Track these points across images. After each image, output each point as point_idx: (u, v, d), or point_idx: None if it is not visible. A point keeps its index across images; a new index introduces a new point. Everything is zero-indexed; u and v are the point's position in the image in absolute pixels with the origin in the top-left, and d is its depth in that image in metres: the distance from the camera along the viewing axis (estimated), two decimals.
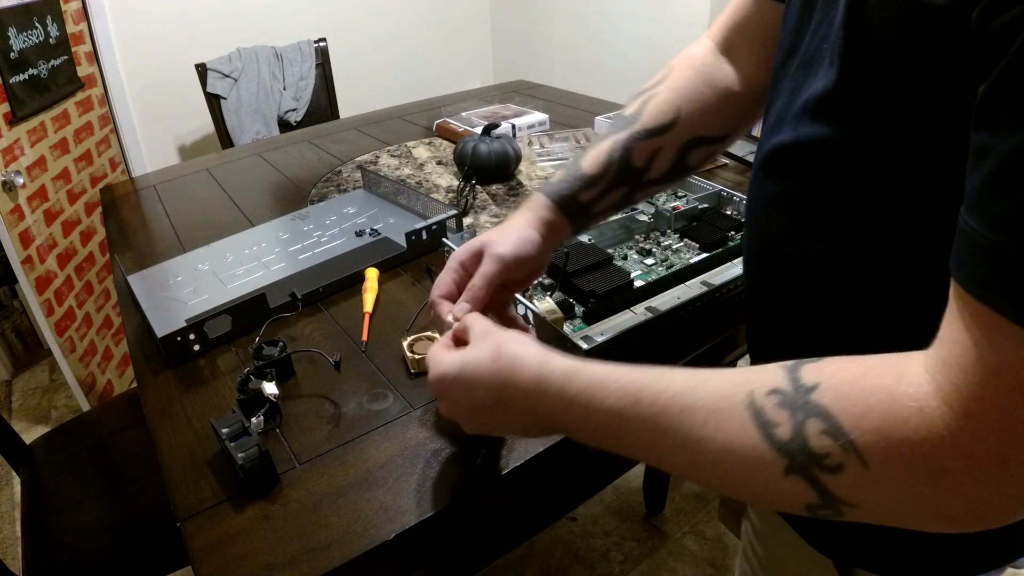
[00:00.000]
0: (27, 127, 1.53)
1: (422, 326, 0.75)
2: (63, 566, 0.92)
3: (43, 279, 1.57)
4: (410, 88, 2.67)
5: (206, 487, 0.55)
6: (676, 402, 0.36)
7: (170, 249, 0.98)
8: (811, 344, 0.47)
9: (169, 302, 0.79)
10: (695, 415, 0.35)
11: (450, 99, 1.73)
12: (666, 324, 0.69)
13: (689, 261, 0.80)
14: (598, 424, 0.39)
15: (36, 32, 1.55)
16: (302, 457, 0.58)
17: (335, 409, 0.63)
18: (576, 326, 0.70)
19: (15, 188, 1.46)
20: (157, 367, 0.71)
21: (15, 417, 1.92)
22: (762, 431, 0.33)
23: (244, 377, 0.62)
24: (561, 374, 0.41)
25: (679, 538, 1.45)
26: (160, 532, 0.97)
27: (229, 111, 2.05)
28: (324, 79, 2.24)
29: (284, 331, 0.76)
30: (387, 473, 0.55)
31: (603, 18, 2.42)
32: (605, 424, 0.39)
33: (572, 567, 1.40)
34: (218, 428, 0.56)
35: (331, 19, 2.43)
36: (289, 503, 0.53)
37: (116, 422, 1.21)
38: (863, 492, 0.31)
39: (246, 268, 0.86)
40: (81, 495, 1.05)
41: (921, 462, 0.29)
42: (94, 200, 1.83)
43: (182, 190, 1.24)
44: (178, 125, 2.26)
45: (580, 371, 0.40)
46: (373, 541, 0.49)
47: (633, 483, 1.57)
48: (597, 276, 0.74)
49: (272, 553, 0.49)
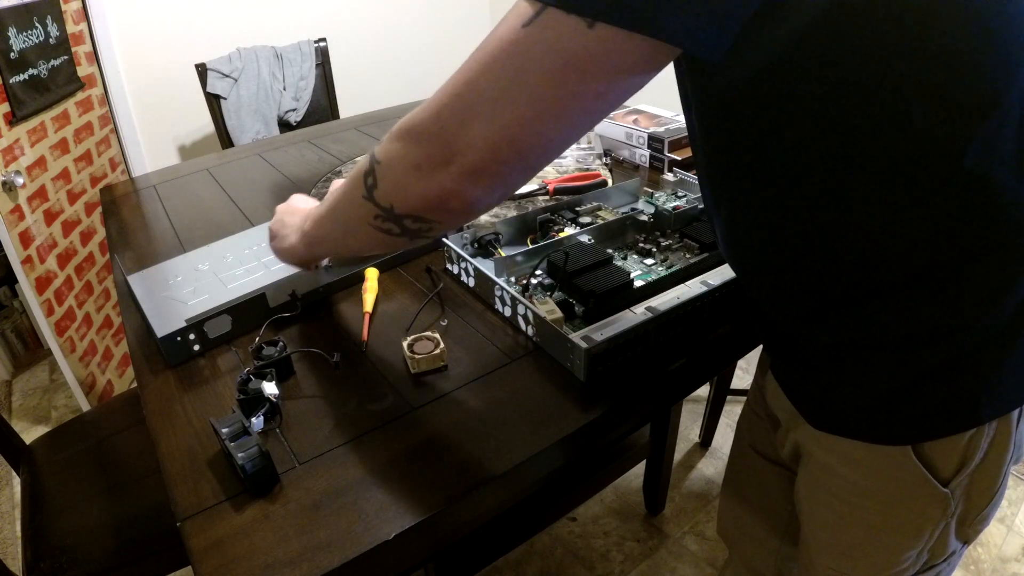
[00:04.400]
0: (27, 127, 1.53)
1: (422, 326, 0.75)
2: (63, 566, 0.92)
3: (43, 279, 1.57)
4: (410, 88, 2.67)
5: (206, 487, 0.55)
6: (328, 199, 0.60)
7: (170, 249, 0.98)
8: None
9: (169, 302, 0.79)
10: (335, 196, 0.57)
11: None
12: (666, 324, 0.69)
13: (689, 261, 0.80)
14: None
15: (36, 32, 1.55)
16: (302, 457, 0.58)
17: (335, 409, 0.63)
18: (576, 326, 0.70)
19: (15, 188, 1.45)
20: (157, 367, 0.71)
21: (15, 417, 1.92)
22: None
23: (244, 377, 0.62)
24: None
25: (679, 538, 1.45)
26: (160, 532, 0.97)
27: (229, 111, 2.05)
28: (324, 79, 2.24)
29: (284, 331, 0.76)
30: (387, 473, 0.55)
31: None
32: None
33: (572, 567, 1.40)
34: (218, 428, 0.56)
35: (331, 19, 2.43)
36: (289, 503, 0.53)
37: (116, 422, 1.21)
38: (383, 148, 0.47)
39: (246, 268, 0.86)
40: (81, 495, 1.04)
41: (407, 127, 0.45)
42: (94, 200, 1.83)
43: (182, 190, 1.24)
44: (178, 125, 2.26)
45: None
46: (373, 541, 0.49)
47: (633, 483, 1.57)
48: (597, 276, 0.74)
49: (272, 553, 0.49)
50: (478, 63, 0.40)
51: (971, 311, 0.45)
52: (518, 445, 0.58)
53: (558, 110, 0.39)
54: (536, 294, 0.75)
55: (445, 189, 0.44)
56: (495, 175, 0.43)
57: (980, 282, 0.44)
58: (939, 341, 0.46)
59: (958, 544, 0.58)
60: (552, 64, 0.37)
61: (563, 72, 0.37)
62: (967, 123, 0.39)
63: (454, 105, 0.41)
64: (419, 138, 0.44)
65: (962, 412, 0.49)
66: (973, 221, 0.42)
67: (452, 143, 0.42)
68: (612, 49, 0.36)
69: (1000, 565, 1.36)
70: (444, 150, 0.43)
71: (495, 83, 0.39)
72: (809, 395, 0.56)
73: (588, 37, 0.36)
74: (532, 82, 0.38)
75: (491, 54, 0.39)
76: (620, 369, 0.66)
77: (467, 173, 0.43)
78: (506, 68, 0.39)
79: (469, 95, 0.41)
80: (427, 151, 0.44)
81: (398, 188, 0.47)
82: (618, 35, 0.35)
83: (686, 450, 1.69)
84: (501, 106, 0.40)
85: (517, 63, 0.38)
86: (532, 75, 0.38)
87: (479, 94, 0.40)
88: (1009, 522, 1.45)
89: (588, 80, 0.38)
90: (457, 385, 0.66)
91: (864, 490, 0.56)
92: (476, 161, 0.42)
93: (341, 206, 0.56)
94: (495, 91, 0.39)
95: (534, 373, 0.67)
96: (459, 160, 0.42)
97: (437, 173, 0.44)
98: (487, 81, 0.40)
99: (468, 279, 0.82)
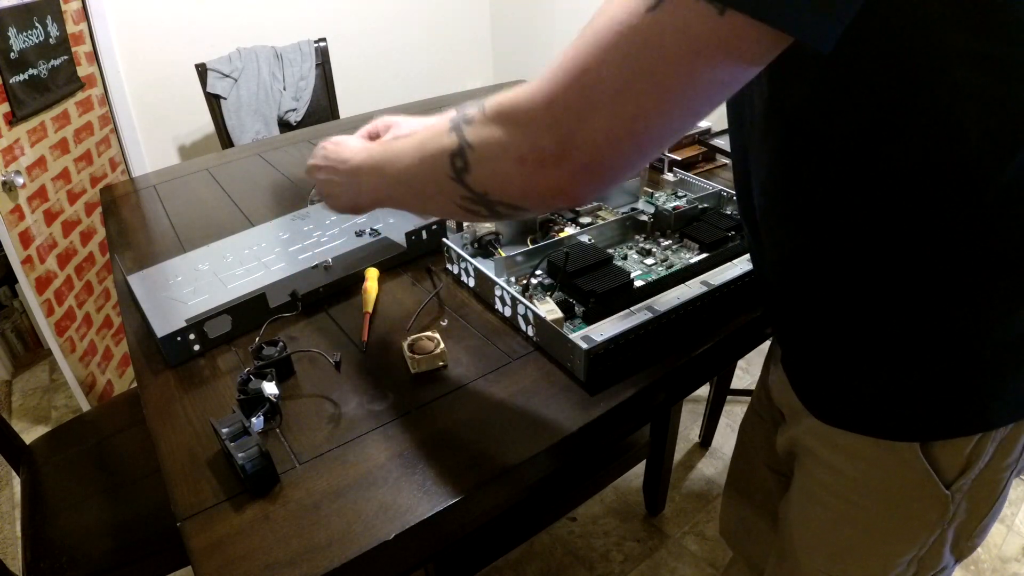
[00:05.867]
0: (27, 127, 1.53)
1: (422, 326, 0.75)
2: (63, 566, 0.92)
3: (43, 279, 1.57)
4: (410, 88, 2.67)
5: (206, 487, 0.55)
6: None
7: (170, 249, 0.98)
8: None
9: (169, 302, 0.79)
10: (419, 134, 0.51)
11: (450, 99, 1.73)
12: (666, 324, 0.69)
13: (689, 261, 0.80)
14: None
15: (36, 32, 1.55)
16: (302, 457, 0.58)
17: (335, 409, 0.63)
18: (576, 326, 0.70)
19: (15, 188, 1.45)
20: (157, 367, 0.71)
21: (15, 417, 1.92)
22: (448, 115, 0.47)
23: (244, 377, 0.62)
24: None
25: (679, 538, 1.45)
26: (160, 532, 0.96)
27: (229, 111, 2.05)
28: (324, 79, 2.24)
29: (284, 331, 0.76)
30: (387, 473, 0.55)
31: None
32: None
33: (572, 567, 1.40)
34: (218, 428, 0.56)
35: (331, 19, 2.43)
36: (289, 503, 0.53)
37: (116, 422, 1.21)
38: (478, 132, 0.43)
39: (246, 268, 0.86)
40: (81, 495, 1.04)
41: (509, 112, 0.41)
42: (94, 200, 1.83)
43: (182, 190, 1.24)
44: (178, 125, 2.26)
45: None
46: (373, 541, 0.49)
47: (633, 483, 1.57)
48: (597, 276, 0.74)
49: (272, 553, 0.49)
50: (596, 48, 0.36)
51: (993, 319, 0.45)
52: (518, 445, 0.58)
53: (685, 100, 0.37)
54: (536, 294, 0.75)
55: (555, 186, 0.41)
56: (612, 169, 0.40)
57: (1005, 293, 0.45)
58: (959, 344, 0.47)
59: (951, 559, 0.58)
60: (681, 51, 0.35)
61: (692, 60, 0.35)
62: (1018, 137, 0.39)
63: (569, 95, 0.38)
64: (527, 128, 0.40)
65: (973, 415, 0.49)
66: (1009, 233, 0.43)
67: (568, 138, 0.39)
68: (741, 36, 0.34)
69: (1000, 565, 1.36)
70: (558, 145, 0.39)
71: (617, 72, 0.36)
72: (820, 388, 0.56)
73: (719, 23, 0.33)
74: (660, 71, 0.35)
75: (610, 40, 0.36)
76: (620, 369, 0.66)
77: (583, 170, 0.39)
78: (629, 56, 0.36)
79: (587, 85, 0.37)
80: (536, 143, 0.40)
81: (497, 178, 0.44)
82: (747, 23, 0.33)
83: (686, 450, 1.69)
84: (624, 98, 0.36)
85: (642, 50, 0.35)
86: (660, 63, 0.35)
87: (599, 84, 0.37)
88: (1009, 522, 1.45)
89: (716, 68, 0.35)
90: (457, 385, 0.66)
91: (866, 488, 0.56)
92: (594, 157, 0.39)
93: (419, 178, 0.51)
94: (618, 81, 0.36)
95: (534, 373, 0.67)
96: (575, 156, 0.39)
97: (548, 169, 0.40)
98: (608, 70, 0.36)
99: (468, 279, 0.82)
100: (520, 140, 0.41)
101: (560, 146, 0.39)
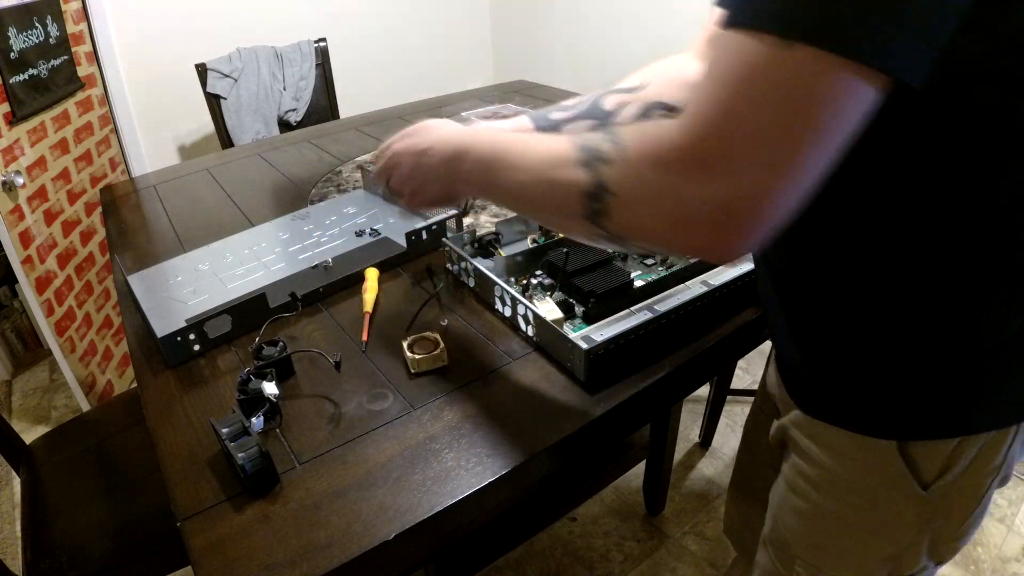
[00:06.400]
0: (27, 127, 1.53)
1: (422, 326, 0.75)
2: (63, 566, 0.92)
3: (43, 279, 1.57)
4: (410, 88, 2.67)
5: (206, 487, 0.55)
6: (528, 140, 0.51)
7: (170, 249, 0.98)
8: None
9: (169, 302, 0.79)
10: (532, 145, 0.49)
11: (450, 99, 1.73)
12: (666, 324, 0.69)
13: (689, 261, 0.80)
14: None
15: (36, 32, 1.55)
16: (302, 457, 0.58)
17: (335, 409, 0.63)
18: (576, 326, 0.70)
19: (15, 188, 1.45)
20: (157, 367, 0.71)
21: (15, 417, 1.92)
22: (571, 142, 0.45)
23: (244, 377, 0.62)
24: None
25: (679, 538, 1.45)
26: (160, 532, 0.96)
27: (229, 111, 2.05)
28: (324, 79, 2.24)
29: (284, 331, 0.76)
30: (387, 473, 0.55)
31: (603, 17, 2.42)
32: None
33: (572, 567, 1.40)
34: (218, 428, 0.56)
35: (331, 19, 2.43)
36: (289, 503, 0.53)
37: (116, 422, 1.21)
38: (621, 179, 0.41)
39: (246, 268, 0.86)
40: (81, 495, 1.04)
41: (662, 157, 0.38)
42: (94, 200, 1.83)
43: (182, 190, 1.24)
44: (178, 125, 2.26)
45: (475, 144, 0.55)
46: (373, 541, 0.49)
47: (633, 483, 1.57)
48: (597, 276, 0.74)
49: (272, 553, 0.49)
50: (736, 88, 0.35)
51: (984, 325, 0.45)
52: (518, 445, 0.58)
53: (830, 144, 0.35)
54: (536, 294, 0.75)
55: (710, 247, 0.39)
56: (772, 223, 0.37)
57: (1002, 299, 0.44)
58: (946, 347, 0.47)
59: (930, 562, 0.58)
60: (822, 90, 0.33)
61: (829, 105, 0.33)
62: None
63: (722, 142, 0.35)
64: (681, 185, 0.37)
65: (953, 419, 0.49)
66: (1010, 239, 0.42)
67: (726, 201, 0.36)
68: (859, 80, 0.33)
69: (1000, 565, 1.36)
70: (714, 211, 0.37)
71: (769, 120, 0.34)
72: (805, 380, 0.57)
73: (837, 68, 0.32)
74: (805, 111, 0.34)
75: (748, 78, 0.34)
76: (620, 369, 0.66)
77: (744, 233, 0.37)
78: (773, 96, 0.34)
79: (739, 139, 0.35)
80: (691, 205, 0.37)
81: (644, 231, 0.41)
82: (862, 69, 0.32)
83: (686, 450, 1.69)
84: (779, 139, 0.34)
85: (787, 88, 0.34)
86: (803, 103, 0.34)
87: (750, 138, 0.35)
88: (1009, 522, 1.45)
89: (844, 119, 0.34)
90: (457, 385, 0.66)
91: (844, 483, 0.56)
92: (756, 215, 0.36)
93: (537, 201, 0.49)
94: (768, 123, 0.34)
95: (534, 373, 0.67)
96: (734, 219, 0.37)
97: (704, 231, 0.38)
98: (753, 109, 0.34)
99: (468, 279, 0.82)
100: (672, 201, 0.38)
101: (717, 212, 0.37)
